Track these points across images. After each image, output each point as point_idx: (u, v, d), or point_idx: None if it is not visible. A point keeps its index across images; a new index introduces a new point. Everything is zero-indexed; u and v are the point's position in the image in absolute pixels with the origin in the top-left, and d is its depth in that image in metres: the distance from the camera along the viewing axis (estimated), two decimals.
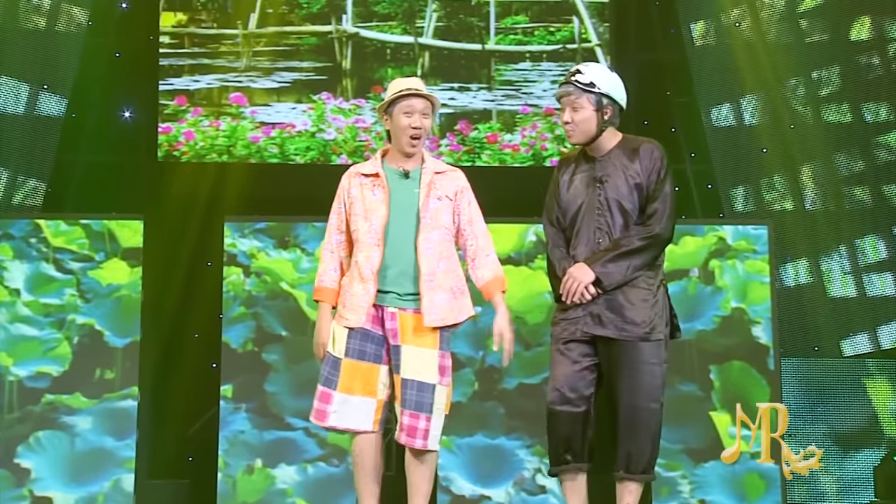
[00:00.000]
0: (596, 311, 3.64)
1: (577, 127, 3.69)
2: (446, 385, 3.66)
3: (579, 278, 3.62)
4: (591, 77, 3.69)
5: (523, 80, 7.31)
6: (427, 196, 3.66)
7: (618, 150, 3.72)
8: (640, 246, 3.61)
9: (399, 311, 3.64)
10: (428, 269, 3.62)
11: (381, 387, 3.67)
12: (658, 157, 3.69)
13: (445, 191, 3.71)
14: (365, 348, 3.66)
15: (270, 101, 7.20)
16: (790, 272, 6.75)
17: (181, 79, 7.16)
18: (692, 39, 6.97)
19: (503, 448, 5.93)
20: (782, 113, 6.70)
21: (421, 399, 3.58)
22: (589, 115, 3.68)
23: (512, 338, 3.75)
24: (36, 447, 5.72)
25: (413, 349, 3.62)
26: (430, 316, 3.61)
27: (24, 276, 5.85)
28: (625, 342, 3.61)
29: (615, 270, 3.60)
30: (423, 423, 3.59)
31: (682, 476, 5.84)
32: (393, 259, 3.65)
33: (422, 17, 7.34)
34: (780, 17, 6.85)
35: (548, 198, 3.86)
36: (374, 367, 3.66)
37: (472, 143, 7.25)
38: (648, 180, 3.66)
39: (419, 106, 3.69)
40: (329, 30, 7.29)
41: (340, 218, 3.79)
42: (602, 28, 7.33)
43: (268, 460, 5.84)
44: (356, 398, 3.64)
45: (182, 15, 7.22)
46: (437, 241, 3.65)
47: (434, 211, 3.66)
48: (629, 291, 3.63)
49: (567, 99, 3.70)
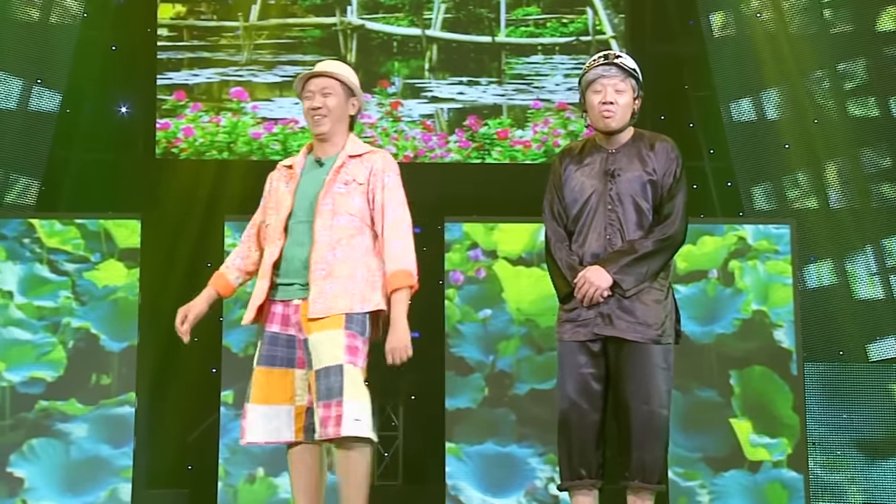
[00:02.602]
0: (607, 312, 3.53)
1: (619, 111, 3.58)
2: (359, 367, 3.37)
3: (596, 283, 3.51)
4: (632, 63, 3.63)
5: (535, 74, 7.33)
6: (332, 182, 3.47)
7: (631, 144, 3.63)
8: (655, 249, 3.52)
9: (302, 302, 3.43)
10: (319, 257, 3.41)
11: (299, 392, 3.44)
12: (674, 156, 3.61)
13: (355, 175, 3.50)
14: (274, 353, 3.45)
15: (273, 96, 7.25)
16: (814, 273, 6.70)
17: (180, 73, 7.19)
18: (711, 31, 6.97)
19: (514, 456, 5.86)
20: (805, 107, 6.68)
21: (329, 385, 3.31)
22: (629, 100, 3.59)
23: (403, 353, 3.44)
24: (29, 455, 5.65)
25: (317, 336, 3.37)
26: (313, 306, 3.37)
27: (17, 278, 5.79)
28: (636, 344, 3.51)
29: (632, 275, 3.50)
30: (332, 410, 3.29)
31: (701, 486, 5.74)
32: (294, 251, 3.46)
33: (429, 9, 7.37)
34: (803, 7, 6.82)
35: (548, 190, 3.75)
36: (286, 371, 3.45)
37: (481, 140, 7.25)
38: (664, 180, 3.57)
39: (317, 86, 3.53)
40: (333, 22, 7.33)
41: (261, 212, 3.65)
42: (617, 19, 7.34)
43: (270, 469, 5.77)
44: (268, 408, 3.43)
45: (181, 6, 7.27)
46: (338, 227, 3.44)
47: (337, 196, 3.46)
48: (641, 291, 3.54)
49: (608, 80, 3.58)
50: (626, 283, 3.49)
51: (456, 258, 6.08)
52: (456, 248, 6.09)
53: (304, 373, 3.43)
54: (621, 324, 3.51)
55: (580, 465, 3.55)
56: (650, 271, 3.51)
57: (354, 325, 3.39)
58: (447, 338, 5.98)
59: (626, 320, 3.51)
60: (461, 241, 6.10)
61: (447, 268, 6.06)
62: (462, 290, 6.00)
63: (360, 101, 3.62)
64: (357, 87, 3.59)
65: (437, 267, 6.25)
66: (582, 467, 3.55)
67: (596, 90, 3.60)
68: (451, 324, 5.98)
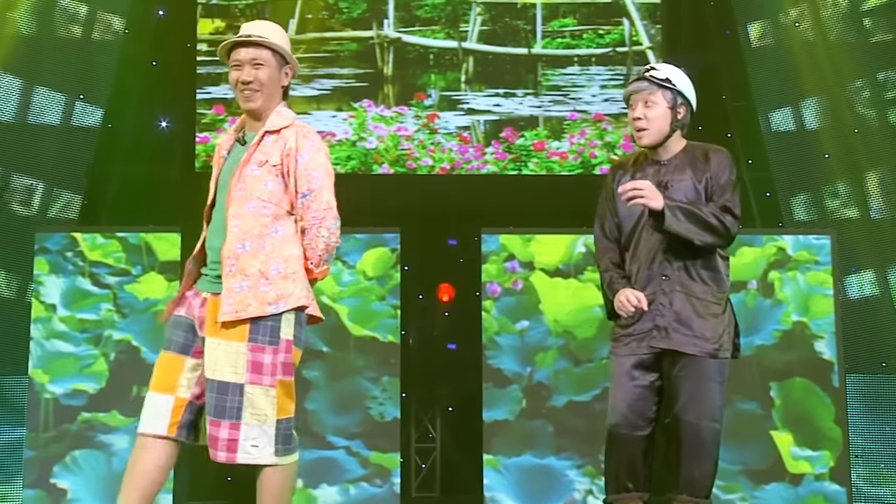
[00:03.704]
0: (663, 325, 3.50)
1: (651, 124, 3.54)
2: (267, 385, 3.04)
3: (647, 195, 3.41)
4: (666, 73, 3.60)
5: (571, 85, 7.30)
6: (245, 163, 3.10)
7: (683, 156, 3.59)
8: (710, 222, 3.43)
9: (211, 297, 3.11)
10: (229, 250, 3.06)
11: (184, 382, 3.10)
12: (728, 164, 3.58)
13: (269, 155, 3.11)
14: (172, 336, 3.13)
15: (310, 109, 7.23)
16: (855, 284, 6.62)
17: (219, 87, 7.19)
18: (749, 40, 6.93)
19: (552, 468, 5.86)
20: (845, 116, 6.62)
21: (223, 403, 3.02)
22: (663, 112, 3.55)
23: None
24: (72, 467, 5.71)
25: (216, 343, 3.05)
26: (224, 307, 3.03)
27: (60, 291, 5.85)
28: (692, 357, 3.47)
29: (680, 220, 3.41)
30: (226, 432, 3.02)
31: (742, 499, 5.70)
32: (212, 241, 3.15)
33: (465, 21, 7.35)
34: (842, 15, 6.78)
35: (599, 205, 3.70)
36: (177, 357, 3.11)
37: (518, 151, 7.22)
38: (717, 182, 3.53)
39: (247, 56, 3.15)
40: (370, 35, 7.32)
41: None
42: (654, 30, 7.30)
43: (309, 480, 5.80)
44: (155, 395, 3.10)
45: (220, 22, 7.29)
46: (249, 215, 3.07)
47: (249, 180, 3.08)
48: (699, 304, 3.49)
49: (639, 95, 3.57)
50: (669, 220, 3.41)
51: (493, 270, 6.09)
52: (493, 259, 6.10)
53: (197, 364, 3.11)
54: (678, 337, 3.47)
55: (627, 478, 3.52)
56: (692, 233, 3.43)
57: (261, 336, 3.05)
58: (485, 349, 6.00)
59: (683, 333, 3.47)
60: (498, 252, 6.11)
61: (484, 279, 6.08)
62: (499, 302, 6.01)
63: (294, 67, 3.24)
64: (289, 54, 3.21)
65: (475, 278, 6.25)
66: (629, 480, 3.52)
67: (630, 106, 3.60)
68: (488, 335, 5.99)
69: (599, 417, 5.98)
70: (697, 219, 3.42)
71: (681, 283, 3.49)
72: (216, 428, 3.03)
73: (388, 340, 6.05)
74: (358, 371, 6.02)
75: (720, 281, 3.54)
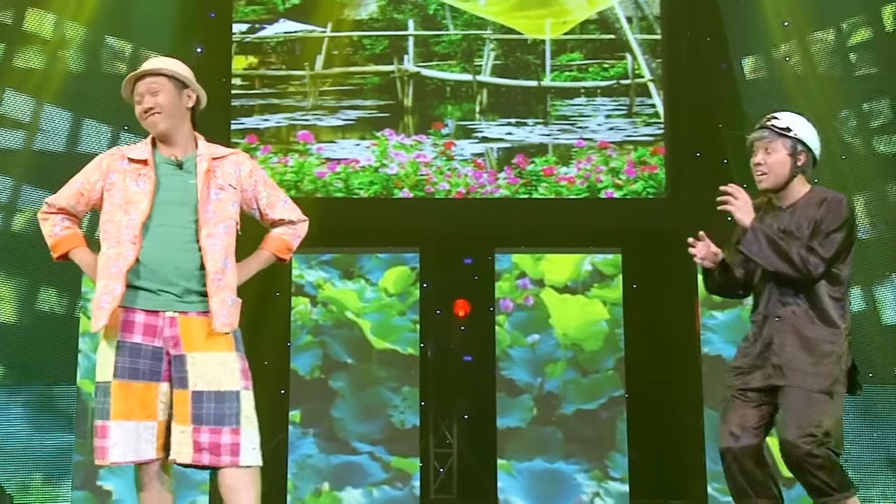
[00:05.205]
0: (778, 363, 3.46)
1: (770, 170, 3.54)
2: (251, 390, 3.14)
3: (741, 207, 3.44)
4: (787, 122, 3.59)
5: (578, 115, 7.36)
6: (207, 187, 3.19)
7: (805, 201, 3.55)
8: (790, 255, 3.41)
9: (180, 316, 3.14)
10: (214, 267, 3.13)
11: (162, 406, 3.12)
12: (837, 212, 3.48)
13: (227, 179, 3.24)
14: (137, 365, 3.11)
15: (336, 138, 7.37)
16: None
17: (252, 118, 7.38)
18: (743, 74, 7.02)
19: (562, 472, 6.01)
20: (833, 144, 6.67)
21: (221, 411, 3.06)
22: (782, 158, 3.54)
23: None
24: (116, 470, 5.84)
25: (205, 356, 3.11)
26: (219, 319, 3.11)
27: None
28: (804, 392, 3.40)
29: (757, 247, 3.41)
30: (229, 437, 3.06)
31: None
32: (164, 255, 3.13)
33: (480, 56, 7.47)
34: (829, 50, 6.88)
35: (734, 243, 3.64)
36: (150, 385, 3.11)
37: (528, 176, 7.31)
38: (818, 228, 3.45)
39: (145, 87, 3.20)
40: (391, 69, 7.46)
41: (89, 194, 3.24)
42: (655, 64, 7.42)
43: (335, 484, 6.03)
44: (133, 424, 3.09)
45: (253, 58, 7.46)
46: (224, 235, 3.19)
47: (216, 203, 3.20)
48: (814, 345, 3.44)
49: (761, 143, 3.57)
50: (749, 240, 3.42)
51: (506, 287, 6.27)
52: (506, 277, 6.28)
53: (168, 387, 3.13)
54: (793, 375, 3.41)
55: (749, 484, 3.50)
56: (766, 259, 3.41)
57: (239, 345, 3.17)
58: (498, 361, 6.19)
59: (798, 370, 3.42)
60: (510, 270, 6.29)
61: (497, 296, 6.28)
62: (512, 317, 6.21)
63: (197, 91, 3.27)
64: (188, 78, 3.24)
65: (488, 295, 6.47)
66: (750, 487, 3.50)
67: (753, 153, 3.59)
68: (501, 348, 6.18)
69: (606, 425, 6.06)
70: (777, 248, 3.40)
71: (792, 325, 3.46)
72: (216, 435, 3.06)
73: (409, 353, 6.27)
74: (380, 381, 6.22)
75: (830, 320, 3.46)
